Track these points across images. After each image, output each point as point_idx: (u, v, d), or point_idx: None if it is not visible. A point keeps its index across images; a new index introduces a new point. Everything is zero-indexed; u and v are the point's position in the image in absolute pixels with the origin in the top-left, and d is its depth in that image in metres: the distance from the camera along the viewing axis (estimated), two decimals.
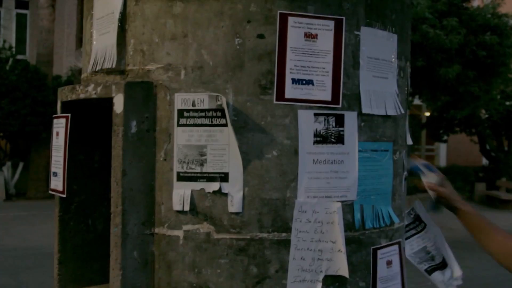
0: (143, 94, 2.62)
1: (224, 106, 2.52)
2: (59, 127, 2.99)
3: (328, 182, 2.56)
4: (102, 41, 2.84)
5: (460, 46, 14.67)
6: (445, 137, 25.26)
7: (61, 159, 2.97)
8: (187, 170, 2.59)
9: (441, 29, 14.62)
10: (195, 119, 2.59)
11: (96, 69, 2.86)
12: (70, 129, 2.95)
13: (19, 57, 24.79)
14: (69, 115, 2.91)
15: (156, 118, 2.64)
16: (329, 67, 2.54)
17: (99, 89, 2.67)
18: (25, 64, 21.89)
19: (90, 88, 2.71)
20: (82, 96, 2.76)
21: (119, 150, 2.58)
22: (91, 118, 2.99)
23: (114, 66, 2.74)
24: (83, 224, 3.05)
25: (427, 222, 3.27)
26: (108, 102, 2.64)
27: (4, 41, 23.28)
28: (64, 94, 2.92)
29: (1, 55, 22.08)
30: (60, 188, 2.98)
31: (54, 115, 3.05)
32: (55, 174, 3.02)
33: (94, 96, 2.70)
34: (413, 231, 3.28)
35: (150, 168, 2.63)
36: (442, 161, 31.15)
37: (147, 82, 2.64)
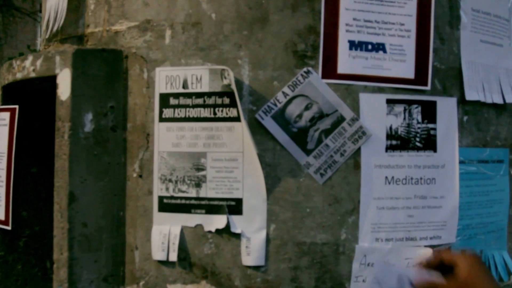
0: (105, 69, 1.62)
1: (234, 87, 1.48)
2: (0, 124, 2.01)
3: (410, 215, 1.66)
4: None
5: None
6: None
7: (3, 173, 2.01)
8: (175, 194, 1.57)
9: None
10: (187, 109, 1.57)
11: (50, 36, 1.86)
12: (17, 128, 1.96)
13: None
14: (16, 107, 1.92)
15: (128, 108, 1.63)
16: (412, 23, 1.63)
17: (38, 63, 1.68)
18: None
19: (28, 62, 1.72)
20: (19, 75, 1.77)
21: (64, 161, 1.59)
22: (49, 113, 1.98)
23: (62, 26, 1.74)
24: (37, 269, 2.07)
25: None
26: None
27: None
28: (3, 74, 1.93)
29: None
30: (2, 217, 2.02)
31: None
32: None
33: (32, 75, 1.70)
34: None
35: (117, 190, 1.62)
36: None
37: (113, 51, 1.64)
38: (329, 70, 1.55)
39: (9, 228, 2.02)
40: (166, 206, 1.59)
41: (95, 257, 1.63)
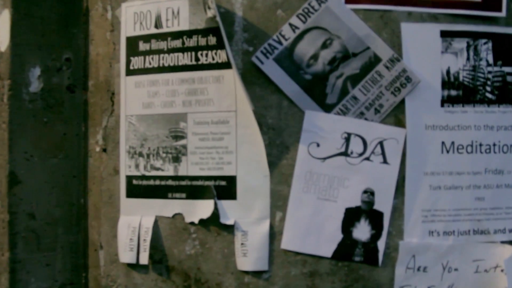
0: (58, 10, 1.23)
1: (219, 19, 1.05)
2: None
3: (480, 198, 1.20)
4: None
5: None
6: None
7: None
8: (147, 173, 1.15)
9: None
10: (161, 56, 1.15)
11: None
12: None
13: None
14: None
15: (89, 61, 1.21)
16: None
17: None
18: None
19: None
20: None
21: (4, 131, 1.20)
22: None
23: None
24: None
25: None
26: None
27: None
28: None
29: None
30: None
31: None
32: None
33: None
34: None
35: (76, 170, 1.22)
36: None
37: None
38: None
39: None
40: (136, 189, 1.17)
41: (48, 260, 1.22)
